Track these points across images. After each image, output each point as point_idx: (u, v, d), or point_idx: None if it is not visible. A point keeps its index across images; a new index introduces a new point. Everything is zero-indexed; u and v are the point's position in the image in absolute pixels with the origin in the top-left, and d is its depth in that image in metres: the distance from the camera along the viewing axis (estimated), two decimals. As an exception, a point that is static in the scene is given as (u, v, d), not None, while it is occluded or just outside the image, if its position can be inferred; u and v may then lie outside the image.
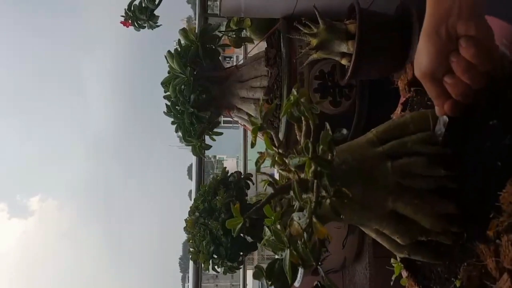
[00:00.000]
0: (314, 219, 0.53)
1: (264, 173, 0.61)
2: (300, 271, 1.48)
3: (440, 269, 0.59)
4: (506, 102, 0.54)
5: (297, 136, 0.67)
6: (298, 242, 0.53)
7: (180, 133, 1.55)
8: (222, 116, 1.68)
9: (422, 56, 0.54)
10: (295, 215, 0.55)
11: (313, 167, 0.54)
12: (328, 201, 0.54)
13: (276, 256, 0.58)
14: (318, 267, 0.59)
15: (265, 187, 0.61)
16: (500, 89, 0.55)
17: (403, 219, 0.58)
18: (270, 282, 0.55)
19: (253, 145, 0.65)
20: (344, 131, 0.57)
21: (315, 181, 0.54)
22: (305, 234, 0.53)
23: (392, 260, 0.72)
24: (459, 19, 0.51)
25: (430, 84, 0.55)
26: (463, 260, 0.55)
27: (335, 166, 0.58)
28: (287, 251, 0.53)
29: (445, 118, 0.57)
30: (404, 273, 0.65)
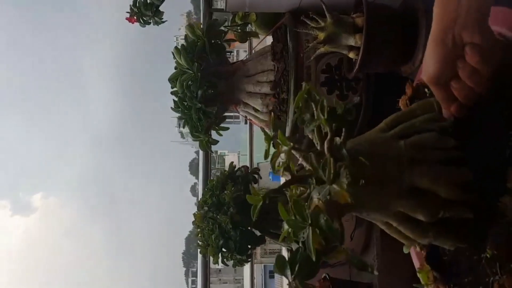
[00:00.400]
0: (334, 186, 0.55)
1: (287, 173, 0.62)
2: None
3: (468, 255, 0.60)
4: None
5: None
6: (320, 217, 0.54)
7: (181, 129, 1.56)
8: (238, 113, 1.69)
9: (430, 62, 0.58)
10: (314, 192, 0.56)
11: (328, 129, 0.56)
12: (345, 173, 0.55)
13: (286, 249, 0.59)
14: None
15: (282, 171, 0.62)
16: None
17: (422, 194, 0.59)
18: (293, 274, 0.55)
19: (266, 155, 0.67)
20: (357, 99, 0.60)
21: (331, 145, 0.56)
22: (325, 207, 0.54)
23: (417, 271, 0.70)
24: (465, 28, 0.55)
25: (437, 88, 0.59)
26: (490, 229, 0.56)
27: (349, 150, 0.59)
28: (309, 231, 0.53)
29: (452, 120, 0.61)
30: (431, 276, 0.65)
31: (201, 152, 1.88)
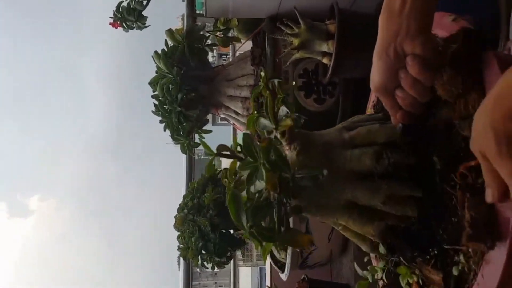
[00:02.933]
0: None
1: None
2: (287, 265, 1.52)
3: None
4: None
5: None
6: (270, 148, 0.56)
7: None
8: (217, 115, 1.71)
9: (375, 73, 0.60)
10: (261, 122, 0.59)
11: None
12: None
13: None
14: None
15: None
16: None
17: (365, 209, 0.61)
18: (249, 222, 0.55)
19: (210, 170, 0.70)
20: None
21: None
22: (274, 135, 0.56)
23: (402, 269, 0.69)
24: (406, 39, 0.56)
25: (383, 97, 0.61)
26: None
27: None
28: (261, 167, 0.55)
29: (400, 125, 0.63)
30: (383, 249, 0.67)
31: (184, 156, 1.90)
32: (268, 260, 1.60)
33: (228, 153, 0.62)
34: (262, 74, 0.63)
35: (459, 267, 0.52)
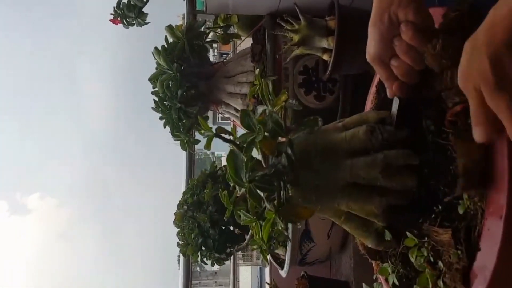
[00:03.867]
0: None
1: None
2: (287, 261, 1.52)
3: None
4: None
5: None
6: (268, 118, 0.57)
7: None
8: (217, 112, 1.71)
9: (370, 43, 0.60)
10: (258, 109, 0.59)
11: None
12: None
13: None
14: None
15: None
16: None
17: (364, 187, 0.61)
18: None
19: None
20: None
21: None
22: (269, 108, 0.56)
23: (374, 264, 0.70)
24: (399, 6, 0.57)
25: (379, 67, 0.61)
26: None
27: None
28: (258, 135, 0.56)
29: (397, 99, 0.62)
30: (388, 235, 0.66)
31: (183, 152, 1.90)
32: (268, 256, 1.60)
33: (226, 136, 0.62)
34: (257, 71, 0.63)
35: (464, 206, 0.52)
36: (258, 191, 0.57)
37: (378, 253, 0.67)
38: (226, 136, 0.60)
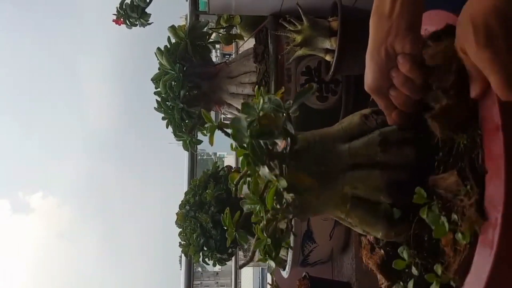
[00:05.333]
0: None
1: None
2: (289, 262, 1.52)
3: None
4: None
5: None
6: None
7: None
8: (220, 112, 1.71)
9: (368, 74, 0.62)
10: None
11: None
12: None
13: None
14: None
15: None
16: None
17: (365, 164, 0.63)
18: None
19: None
20: None
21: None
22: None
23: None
24: (396, 38, 0.58)
25: (377, 97, 0.62)
26: None
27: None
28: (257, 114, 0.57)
29: (395, 126, 0.64)
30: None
31: (186, 153, 1.90)
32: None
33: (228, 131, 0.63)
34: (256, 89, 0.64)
35: (461, 141, 0.54)
36: (261, 143, 0.57)
37: (391, 266, 0.65)
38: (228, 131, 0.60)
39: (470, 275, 0.52)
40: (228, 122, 0.59)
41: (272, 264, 0.61)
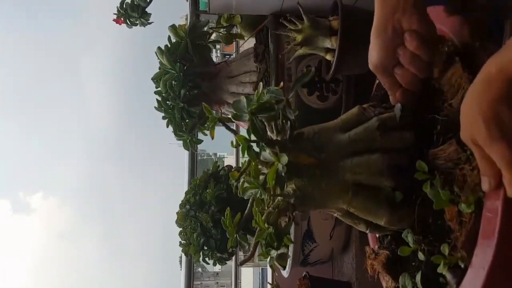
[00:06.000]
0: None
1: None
2: (289, 262, 1.52)
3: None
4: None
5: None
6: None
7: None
8: (220, 112, 1.71)
9: (373, 51, 0.61)
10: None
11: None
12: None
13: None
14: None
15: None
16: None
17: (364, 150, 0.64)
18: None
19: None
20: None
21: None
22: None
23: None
24: (403, 15, 0.57)
25: (382, 75, 0.61)
26: None
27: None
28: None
29: (399, 105, 0.62)
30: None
31: (186, 152, 1.90)
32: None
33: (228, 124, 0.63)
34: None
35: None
36: (261, 120, 0.58)
37: (397, 265, 0.64)
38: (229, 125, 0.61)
39: (478, 245, 0.51)
40: (227, 116, 0.60)
41: (274, 254, 0.61)
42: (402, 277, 0.62)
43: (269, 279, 2.23)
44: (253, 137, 0.61)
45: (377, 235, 0.73)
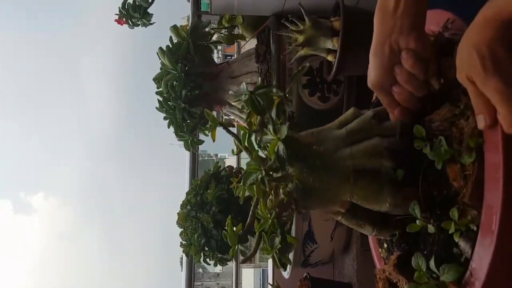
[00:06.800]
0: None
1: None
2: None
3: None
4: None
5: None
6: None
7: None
8: (221, 112, 1.71)
9: (371, 71, 0.62)
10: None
11: None
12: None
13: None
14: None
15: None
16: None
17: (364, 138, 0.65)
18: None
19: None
20: None
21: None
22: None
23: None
24: (400, 35, 0.58)
25: (380, 94, 0.63)
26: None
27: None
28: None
29: (399, 124, 0.64)
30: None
31: (187, 153, 1.90)
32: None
33: (229, 128, 0.64)
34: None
35: None
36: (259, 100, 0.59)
37: (410, 264, 0.62)
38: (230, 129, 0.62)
39: (486, 189, 0.51)
40: (228, 120, 0.61)
41: (278, 241, 0.61)
42: (415, 257, 0.60)
43: (270, 280, 2.23)
44: (252, 139, 0.62)
45: (381, 238, 0.73)
